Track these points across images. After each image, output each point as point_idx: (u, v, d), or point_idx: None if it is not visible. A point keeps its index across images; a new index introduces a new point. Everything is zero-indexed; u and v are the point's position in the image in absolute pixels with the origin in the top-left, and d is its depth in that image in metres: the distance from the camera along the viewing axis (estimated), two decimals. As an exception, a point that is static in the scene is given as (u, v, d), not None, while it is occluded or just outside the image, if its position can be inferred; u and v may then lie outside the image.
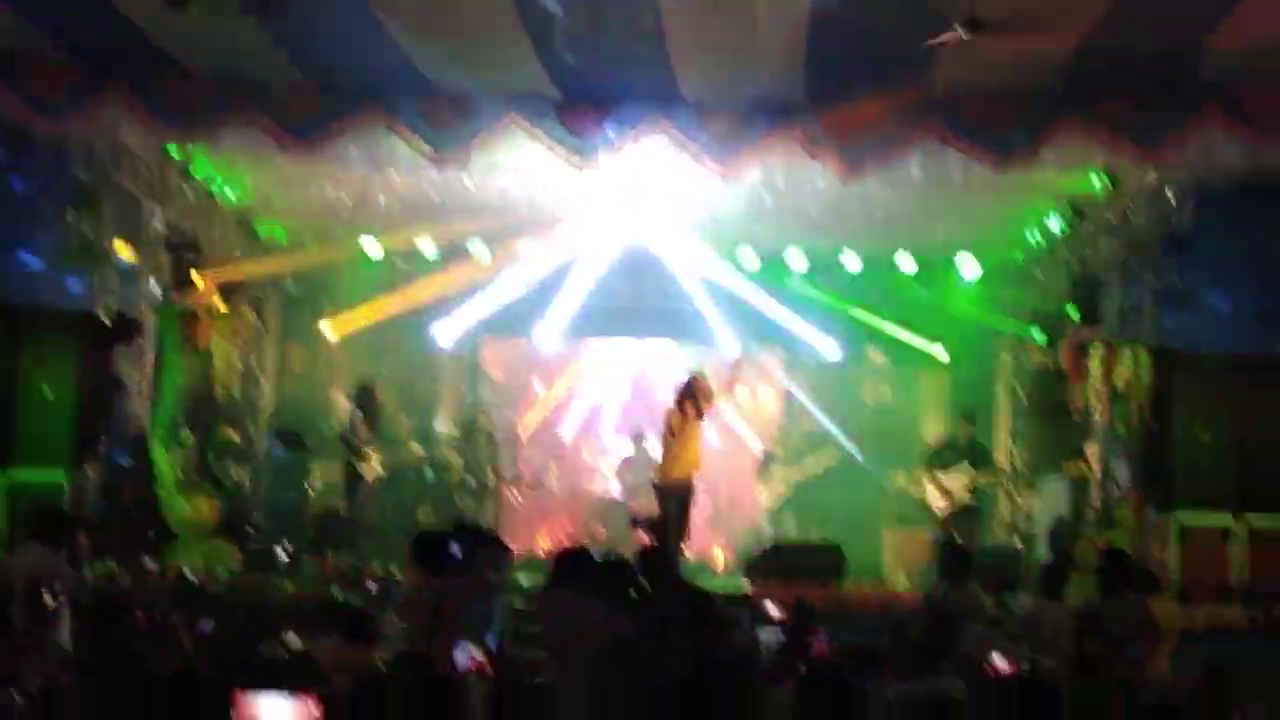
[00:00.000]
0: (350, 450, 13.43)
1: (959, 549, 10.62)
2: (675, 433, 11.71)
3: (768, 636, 8.72)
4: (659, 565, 7.80)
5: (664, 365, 15.83)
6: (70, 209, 11.30)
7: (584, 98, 10.59)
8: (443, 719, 4.29)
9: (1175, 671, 8.20)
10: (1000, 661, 6.80)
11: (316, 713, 3.90)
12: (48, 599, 7.73)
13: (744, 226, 13.82)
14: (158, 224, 12.47)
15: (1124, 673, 6.99)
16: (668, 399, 12.07)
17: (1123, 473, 12.33)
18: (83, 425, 11.24)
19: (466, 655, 6.71)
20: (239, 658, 5.25)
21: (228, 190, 13.20)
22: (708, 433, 13.53)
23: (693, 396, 11.69)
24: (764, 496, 14.91)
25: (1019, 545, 13.75)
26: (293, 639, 7.15)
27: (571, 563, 7.16)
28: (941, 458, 13.58)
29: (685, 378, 11.94)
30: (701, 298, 14.74)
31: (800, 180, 11.92)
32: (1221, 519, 11.56)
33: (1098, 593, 8.54)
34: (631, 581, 7.22)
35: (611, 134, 10.71)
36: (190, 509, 12.06)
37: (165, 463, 11.95)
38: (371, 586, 10.58)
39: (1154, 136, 10.27)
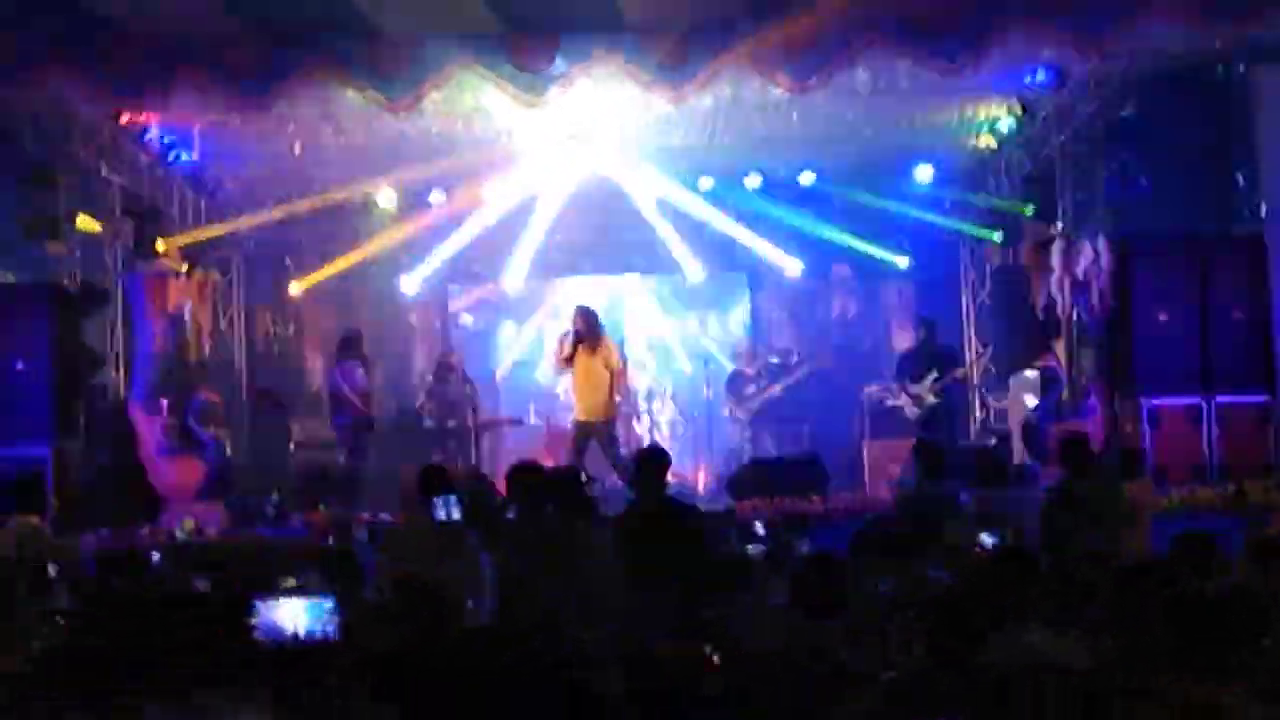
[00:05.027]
0: (352, 401, 13.44)
1: (933, 446, 10.76)
2: (578, 376, 11.87)
3: (754, 551, 8.83)
4: (650, 476, 7.87)
5: (632, 298, 15.98)
6: (25, 182, 11.27)
7: (530, 31, 10.60)
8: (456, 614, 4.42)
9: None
10: (988, 539, 6.97)
11: (333, 611, 4.02)
12: (41, 570, 7.82)
13: (699, 152, 13.86)
14: (115, 192, 12.46)
15: (1099, 550, 7.16)
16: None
17: (1088, 362, 12.52)
18: (59, 397, 11.28)
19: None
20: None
21: (182, 153, 13.15)
22: (678, 354, 13.60)
23: (581, 336, 11.85)
24: (741, 417, 15.05)
25: (994, 443, 13.94)
26: (290, 584, 7.26)
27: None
28: (911, 367, 13.73)
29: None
30: (663, 227, 14.79)
31: (751, 100, 12.01)
32: (1189, 400, 11.78)
33: (1065, 479, 8.73)
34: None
35: (560, 69, 10.75)
36: (175, 473, 12.12)
37: (146, 429, 12.00)
38: (361, 533, 10.62)
39: (1098, 26, 10.33)
